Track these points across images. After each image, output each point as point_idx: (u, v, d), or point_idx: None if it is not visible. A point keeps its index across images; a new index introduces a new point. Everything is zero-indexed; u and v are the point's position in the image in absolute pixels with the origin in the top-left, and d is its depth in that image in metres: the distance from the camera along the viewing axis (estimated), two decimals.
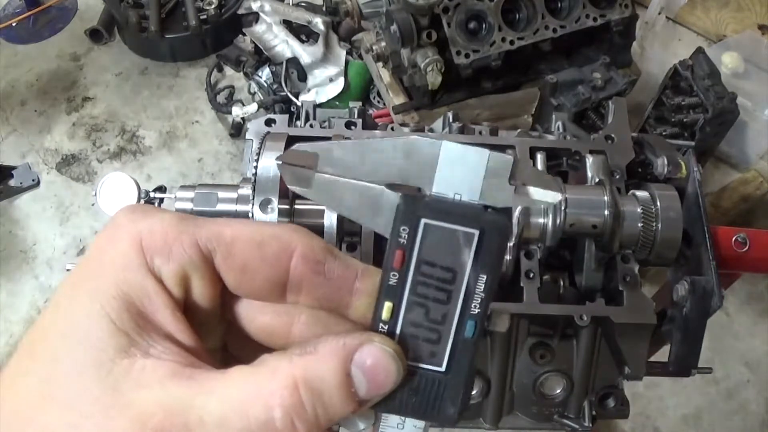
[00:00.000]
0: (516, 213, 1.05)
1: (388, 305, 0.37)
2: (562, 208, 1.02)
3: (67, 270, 0.97)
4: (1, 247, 2.52)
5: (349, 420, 0.38)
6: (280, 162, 0.37)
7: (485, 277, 0.36)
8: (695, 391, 2.30)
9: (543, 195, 0.36)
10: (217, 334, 0.42)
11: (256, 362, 0.37)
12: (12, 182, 2.65)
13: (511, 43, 2.08)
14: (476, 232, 0.35)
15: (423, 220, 0.36)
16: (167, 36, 2.89)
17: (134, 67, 3.01)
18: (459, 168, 0.35)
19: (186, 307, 0.38)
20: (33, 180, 2.66)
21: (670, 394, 2.28)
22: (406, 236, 0.36)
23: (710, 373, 1.14)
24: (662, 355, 1.16)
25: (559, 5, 2.17)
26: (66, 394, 0.35)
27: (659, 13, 2.88)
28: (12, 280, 2.45)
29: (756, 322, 2.43)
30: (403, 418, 0.39)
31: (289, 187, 0.37)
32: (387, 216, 0.37)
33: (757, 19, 2.95)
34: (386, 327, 0.37)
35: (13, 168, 2.68)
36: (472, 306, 0.37)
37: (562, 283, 1.12)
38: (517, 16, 2.14)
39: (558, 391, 1.07)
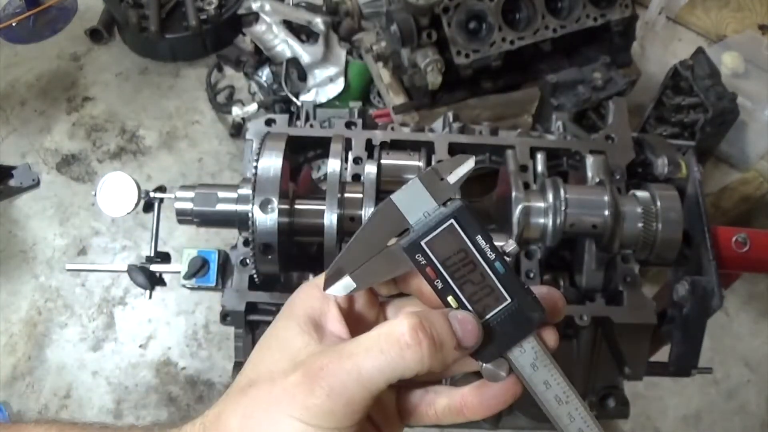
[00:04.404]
0: (516, 213, 1.05)
1: (450, 299, 0.53)
2: (563, 208, 1.02)
3: (67, 270, 0.96)
4: (1, 247, 2.52)
5: (490, 372, 0.53)
6: (330, 294, 0.55)
7: (478, 236, 0.53)
8: (695, 391, 2.29)
9: (461, 169, 0.55)
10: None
11: None
12: (12, 182, 2.65)
13: (511, 43, 2.08)
14: (452, 220, 0.53)
15: (422, 243, 0.53)
16: (167, 36, 2.89)
17: (134, 67, 3.01)
18: (413, 200, 0.54)
19: (349, 316, 0.57)
20: (33, 180, 2.66)
21: (670, 395, 2.28)
22: (423, 258, 0.53)
23: (710, 373, 1.14)
24: (662, 355, 1.16)
25: (559, 5, 2.17)
26: (263, 382, 0.52)
27: (659, 13, 2.88)
28: (12, 280, 2.45)
29: (756, 322, 2.43)
30: (534, 358, 0.53)
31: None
32: (404, 257, 0.54)
33: (757, 19, 2.95)
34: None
35: (13, 168, 2.68)
36: (489, 255, 0.53)
37: (562, 283, 1.13)
38: (517, 16, 2.14)
39: None
